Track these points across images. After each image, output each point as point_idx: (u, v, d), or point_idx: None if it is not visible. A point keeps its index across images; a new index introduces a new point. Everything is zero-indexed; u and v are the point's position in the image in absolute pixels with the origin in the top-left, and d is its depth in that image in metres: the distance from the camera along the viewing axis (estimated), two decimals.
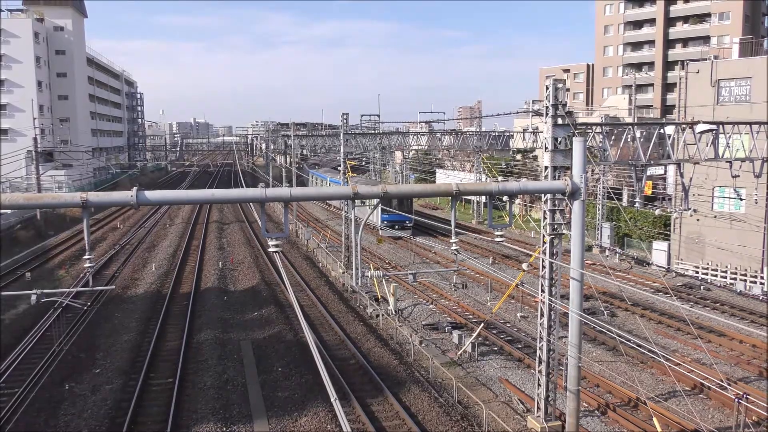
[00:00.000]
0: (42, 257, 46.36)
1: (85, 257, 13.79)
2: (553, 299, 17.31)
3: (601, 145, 22.27)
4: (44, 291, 14.00)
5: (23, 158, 66.84)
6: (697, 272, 37.72)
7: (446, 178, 63.88)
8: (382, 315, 29.87)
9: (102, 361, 24.83)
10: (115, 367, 24.22)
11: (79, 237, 53.16)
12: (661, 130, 23.42)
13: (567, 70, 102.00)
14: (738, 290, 34.45)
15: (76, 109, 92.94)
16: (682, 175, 23.88)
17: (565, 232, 17.48)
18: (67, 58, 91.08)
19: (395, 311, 30.60)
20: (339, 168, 42.40)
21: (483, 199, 42.41)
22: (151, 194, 13.36)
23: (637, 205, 41.73)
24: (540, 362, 17.97)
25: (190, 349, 26.01)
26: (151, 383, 22.61)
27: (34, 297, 13.63)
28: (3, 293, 13.62)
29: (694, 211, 26.86)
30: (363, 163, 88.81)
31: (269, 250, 13.84)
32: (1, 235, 51.03)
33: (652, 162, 22.86)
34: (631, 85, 67.39)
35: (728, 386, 19.42)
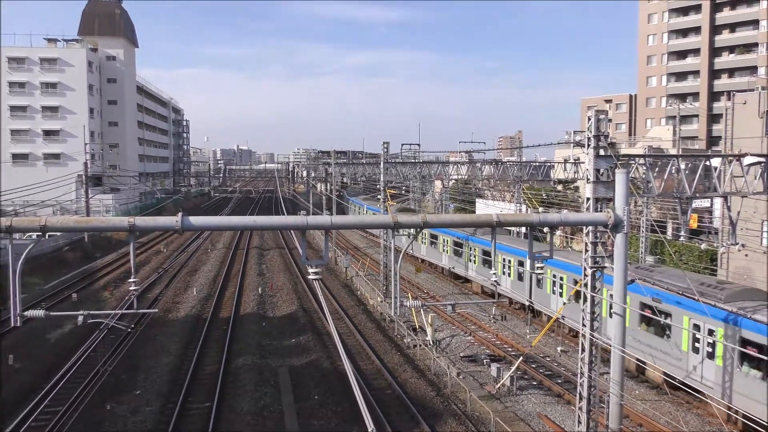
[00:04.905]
0: (88, 279, 47.55)
1: (130, 280, 14.14)
2: (594, 334, 16.97)
3: (644, 176, 21.94)
4: (91, 312, 14.35)
5: (74, 182, 69.07)
6: None
7: (486, 209, 63.54)
8: (420, 345, 29.66)
9: (143, 383, 25.22)
10: (155, 389, 24.56)
11: (123, 260, 54.42)
12: (707, 162, 22.99)
13: (609, 101, 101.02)
14: None
15: (125, 135, 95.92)
16: (729, 209, 23.34)
17: (607, 265, 17.19)
18: (118, 86, 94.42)
19: (433, 342, 30.37)
20: (379, 197, 42.62)
21: (523, 229, 41.91)
22: (195, 220, 13.67)
23: (682, 238, 40.79)
24: (580, 399, 17.56)
25: (228, 374, 26.22)
26: (189, 407, 22.84)
27: (81, 318, 13.99)
28: (51, 314, 14.04)
29: (743, 245, 26.13)
30: (403, 191, 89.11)
31: (309, 277, 13.96)
32: (50, 256, 52.59)
33: (697, 194, 22.41)
34: (675, 116, 66.44)
35: None
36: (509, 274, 35.97)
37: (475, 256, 40.32)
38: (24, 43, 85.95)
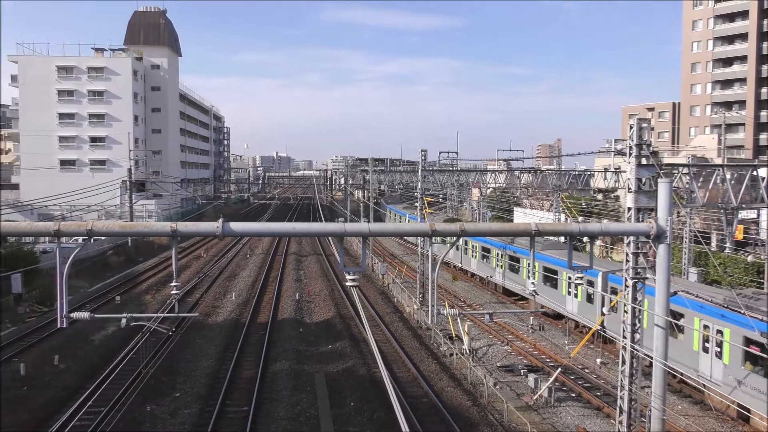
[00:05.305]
0: (131, 282, 48.63)
1: (172, 284, 14.43)
2: (635, 346, 16.65)
3: (688, 186, 21.54)
4: (133, 315, 14.68)
5: (118, 188, 70.84)
6: None
7: (524, 217, 62.97)
8: (456, 354, 29.51)
9: (182, 386, 25.65)
10: (194, 392, 24.96)
11: (164, 264, 55.52)
12: (754, 172, 22.44)
13: (651, 109, 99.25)
14: None
15: (168, 142, 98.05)
16: None
17: (648, 276, 16.86)
18: (161, 94, 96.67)
19: (469, 351, 30.19)
20: (416, 204, 42.59)
21: (561, 239, 41.00)
22: (236, 226, 13.87)
23: (727, 250, 39.77)
24: (620, 412, 17.23)
25: (266, 379, 26.49)
26: (227, 410, 23.14)
27: (124, 320, 14.32)
28: (96, 316, 14.41)
29: None
30: (440, 199, 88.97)
31: (347, 284, 14.05)
32: (94, 259, 53.96)
33: (743, 205, 21.91)
34: (720, 125, 64.91)
35: None
36: (576, 295, 32.16)
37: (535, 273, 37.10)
38: (73, 52, 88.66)
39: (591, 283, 28.93)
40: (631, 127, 16.38)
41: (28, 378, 26.09)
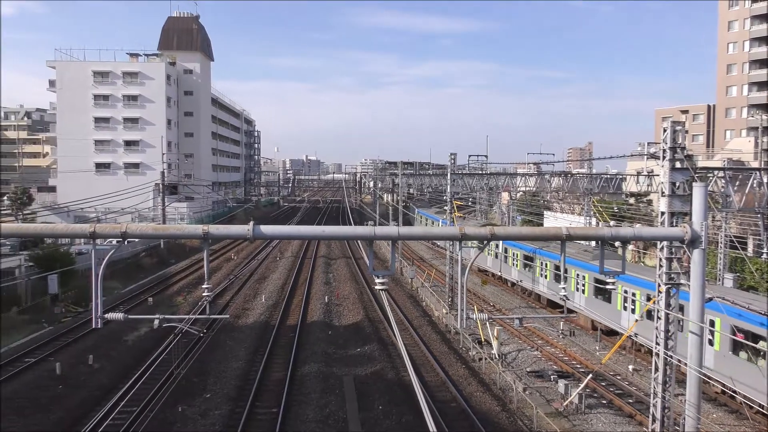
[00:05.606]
0: (163, 284, 49.35)
1: (204, 286, 14.59)
2: (668, 353, 16.34)
3: (723, 190, 21.12)
4: (166, 316, 14.89)
5: (151, 190, 72.04)
6: None
7: (554, 221, 62.34)
8: (485, 359, 29.33)
9: (212, 387, 25.93)
10: (224, 393, 25.22)
11: (196, 266, 56.23)
12: None
13: (685, 111, 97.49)
14: None
15: (200, 145, 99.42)
16: None
17: (683, 281, 16.55)
18: (194, 98, 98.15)
19: (498, 356, 29.98)
20: (445, 208, 42.44)
21: (593, 243, 40.34)
22: (266, 229, 13.98)
23: (764, 255, 38.82)
24: (653, 420, 16.92)
25: (295, 381, 26.64)
26: (256, 411, 23.33)
27: (156, 321, 14.53)
28: (130, 317, 14.64)
29: None
30: (470, 203, 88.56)
31: (376, 288, 14.08)
32: (128, 261, 54.91)
33: None
34: (757, 127, 63.49)
35: None
36: (633, 310, 29.80)
37: (584, 285, 34.46)
38: (108, 57, 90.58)
39: (650, 298, 27.28)
40: (664, 130, 16.12)
41: (63, 377, 26.65)
